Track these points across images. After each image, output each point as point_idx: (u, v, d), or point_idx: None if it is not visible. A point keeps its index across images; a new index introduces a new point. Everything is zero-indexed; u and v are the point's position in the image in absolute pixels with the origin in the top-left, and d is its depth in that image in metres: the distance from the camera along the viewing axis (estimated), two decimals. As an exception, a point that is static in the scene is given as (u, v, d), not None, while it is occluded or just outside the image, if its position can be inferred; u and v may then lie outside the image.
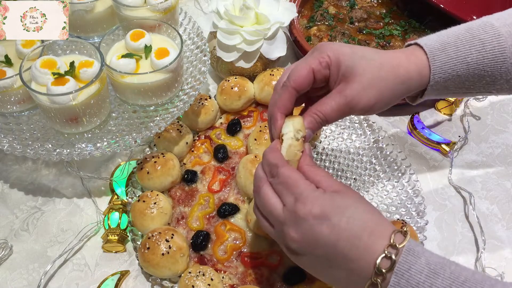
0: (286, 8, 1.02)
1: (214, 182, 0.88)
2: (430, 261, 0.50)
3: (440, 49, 0.63)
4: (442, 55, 0.63)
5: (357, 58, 0.61)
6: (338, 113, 0.61)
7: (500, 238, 0.84)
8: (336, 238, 0.52)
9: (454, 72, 0.63)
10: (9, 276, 0.80)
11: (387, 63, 0.62)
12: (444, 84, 0.64)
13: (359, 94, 0.60)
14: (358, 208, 0.54)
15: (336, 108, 0.61)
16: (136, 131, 0.84)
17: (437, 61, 0.62)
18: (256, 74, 1.02)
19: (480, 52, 0.63)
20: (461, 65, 0.63)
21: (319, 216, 0.53)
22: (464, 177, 0.92)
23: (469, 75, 0.63)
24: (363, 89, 0.60)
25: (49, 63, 0.77)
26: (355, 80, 0.60)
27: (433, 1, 1.05)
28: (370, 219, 0.53)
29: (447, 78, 0.63)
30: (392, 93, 0.62)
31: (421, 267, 0.50)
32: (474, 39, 0.63)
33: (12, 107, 0.84)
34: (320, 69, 0.62)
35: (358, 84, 0.60)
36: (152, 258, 0.74)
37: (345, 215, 0.53)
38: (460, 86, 0.65)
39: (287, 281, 0.76)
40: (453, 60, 0.62)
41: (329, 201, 0.54)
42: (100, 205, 0.88)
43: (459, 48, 0.63)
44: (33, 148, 0.81)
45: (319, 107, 0.61)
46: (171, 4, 0.91)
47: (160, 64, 0.80)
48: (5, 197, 0.90)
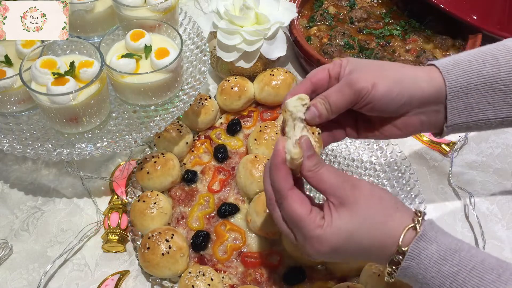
0: (286, 8, 1.02)
1: (214, 182, 0.88)
2: (441, 248, 0.53)
3: (453, 65, 0.63)
4: (455, 69, 0.62)
5: (365, 60, 0.65)
6: (339, 94, 0.61)
7: (500, 238, 0.84)
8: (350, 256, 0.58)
9: (471, 85, 0.62)
10: (9, 276, 0.80)
11: (394, 64, 0.64)
12: (465, 99, 0.62)
13: (357, 75, 0.61)
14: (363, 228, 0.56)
15: (337, 88, 0.61)
16: (136, 131, 0.84)
17: (451, 74, 0.62)
18: (256, 74, 1.02)
19: (494, 66, 0.62)
20: (477, 78, 0.62)
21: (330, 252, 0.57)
22: (464, 177, 0.92)
23: (488, 89, 0.62)
24: (361, 73, 0.61)
25: (49, 63, 0.77)
26: (357, 69, 0.62)
27: (433, 1, 1.05)
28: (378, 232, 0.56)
29: (464, 91, 0.62)
30: (395, 81, 0.61)
31: (431, 253, 0.52)
32: (487, 55, 0.63)
33: (12, 107, 0.84)
34: (333, 67, 0.64)
35: (358, 70, 0.62)
36: (152, 258, 0.74)
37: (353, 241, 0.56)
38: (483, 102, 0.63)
39: (287, 281, 0.76)
40: (467, 73, 0.62)
41: (336, 236, 0.56)
42: (100, 205, 0.88)
43: (472, 63, 0.62)
44: (33, 148, 0.81)
45: (323, 92, 0.62)
46: (171, 4, 0.91)
47: (160, 64, 0.80)
48: (5, 197, 0.90)
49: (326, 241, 0.56)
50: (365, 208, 0.56)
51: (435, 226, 0.56)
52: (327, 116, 0.62)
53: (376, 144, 0.93)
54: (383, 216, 0.56)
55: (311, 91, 0.64)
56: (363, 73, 0.61)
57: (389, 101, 0.61)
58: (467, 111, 0.63)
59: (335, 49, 1.07)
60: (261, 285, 0.76)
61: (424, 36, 1.12)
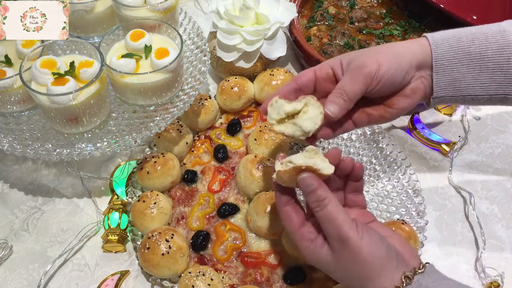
0: (286, 8, 1.02)
1: (214, 182, 0.88)
2: None
3: (443, 39, 0.66)
4: (444, 44, 0.65)
5: (357, 51, 0.69)
6: (353, 82, 0.64)
7: (500, 238, 0.84)
8: None
9: (457, 59, 0.64)
10: (9, 276, 0.80)
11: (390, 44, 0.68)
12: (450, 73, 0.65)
13: (361, 61, 0.65)
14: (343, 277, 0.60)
15: (349, 78, 0.65)
16: (136, 131, 0.84)
17: (439, 48, 0.65)
18: (256, 74, 1.02)
19: (482, 43, 0.63)
20: (463, 54, 0.64)
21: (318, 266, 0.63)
22: (464, 177, 0.92)
23: (475, 65, 0.64)
24: (364, 58, 0.65)
25: (49, 63, 0.77)
26: (356, 57, 0.66)
27: (433, 1, 1.05)
28: None
29: (450, 66, 0.65)
30: (394, 55, 0.65)
31: None
32: (478, 33, 0.65)
33: (12, 107, 0.84)
34: (320, 68, 0.68)
35: (359, 58, 0.66)
36: (152, 258, 0.74)
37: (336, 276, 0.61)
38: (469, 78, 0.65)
39: (287, 281, 0.76)
40: (454, 49, 0.65)
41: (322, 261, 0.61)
42: (100, 205, 0.88)
43: (461, 39, 0.65)
44: (33, 148, 0.81)
45: (336, 86, 0.66)
46: (171, 4, 0.91)
47: (160, 64, 0.80)
48: (5, 197, 0.90)
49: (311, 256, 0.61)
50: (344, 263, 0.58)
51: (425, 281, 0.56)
52: (347, 107, 0.65)
53: (376, 144, 0.93)
54: (360, 279, 0.57)
55: (296, 91, 0.68)
56: (365, 58, 0.65)
57: (395, 74, 0.65)
58: (452, 85, 0.66)
59: (335, 49, 1.07)
60: (261, 285, 0.76)
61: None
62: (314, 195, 0.58)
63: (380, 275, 0.56)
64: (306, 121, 0.63)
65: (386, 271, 0.56)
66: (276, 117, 0.65)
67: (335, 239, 0.57)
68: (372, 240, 0.57)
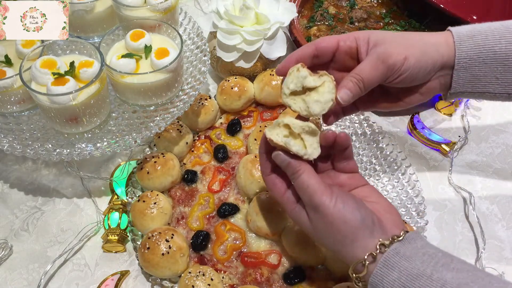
0: (286, 8, 1.02)
1: (214, 182, 0.88)
2: (402, 274, 0.54)
3: (468, 36, 0.64)
4: (469, 41, 0.63)
5: (385, 32, 0.65)
6: (372, 68, 0.62)
7: (500, 238, 0.84)
8: None
9: (480, 58, 0.63)
10: (9, 276, 0.80)
11: (413, 33, 0.66)
12: (471, 71, 0.64)
13: (388, 49, 0.62)
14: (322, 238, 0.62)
15: (370, 65, 0.62)
16: (136, 131, 0.84)
17: (463, 46, 0.63)
18: (256, 74, 1.02)
19: (509, 43, 0.62)
20: (488, 53, 0.63)
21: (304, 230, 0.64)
22: (464, 177, 0.92)
23: (498, 64, 0.63)
24: (391, 47, 0.62)
25: (49, 63, 0.77)
26: (385, 42, 0.63)
27: (433, 1, 1.05)
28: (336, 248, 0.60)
29: (473, 64, 0.63)
30: (421, 52, 0.63)
31: (392, 280, 0.54)
32: (506, 31, 0.63)
33: (12, 107, 0.84)
34: (345, 40, 0.65)
35: (387, 44, 0.63)
36: (152, 258, 0.74)
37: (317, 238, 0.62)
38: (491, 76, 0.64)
39: (287, 281, 0.76)
40: (479, 47, 0.63)
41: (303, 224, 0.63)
42: (100, 205, 0.88)
43: (488, 37, 0.63)
44: (33, 148, 0.81)
45: (355, 70, 0.63)
46: (171, 4, 0.91)
47: (160, 64, 0.80)
48: (5, 197, 0.90)
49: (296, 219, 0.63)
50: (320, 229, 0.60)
51: (401, 250, 0.56)
52: (360, 95, 0.63)
53: (376, 144, 0.93)
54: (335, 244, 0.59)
55: (313, 56, 0.65)
56: (392, 46, 0.62)
57: (418, 71, 0.63)
58: (472, 82, 0.65)
59: (335, 49, 1.07)
60: (261, 285, 0.76)
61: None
62: (289, 167, 0.61)
63: (353, 242, 0.57)
64: (316, 104, 0.61)
65: (359, 239, 0.57)
66: (293, 88, 0.61)
67: (309, 206, 0.60)
68: (347, 207, 0.58)
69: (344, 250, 0.59)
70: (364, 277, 0.57)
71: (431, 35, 0.66)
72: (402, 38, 0.65)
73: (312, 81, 0.60)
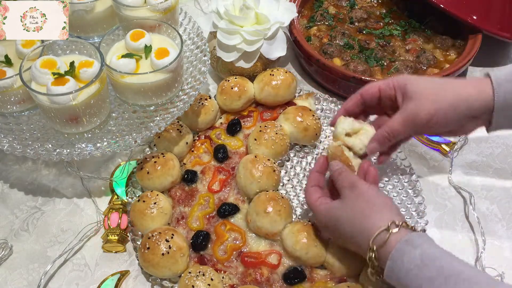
0: (286, 8, 1.02)
1: (214, 182, 0.88)
2: (424, 253, 0.58)
3: (507, 80, 0.67)
4: (507, 85, 0.67)
5: (421, 82, 0.71)
6: (402, 128, 0.71)
7: (500, 238, 0.84)
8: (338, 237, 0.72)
9: None
10: (9, 276, 0.80)
11: (450, 84, 0.70)
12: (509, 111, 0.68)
13: (420, 109, 0.69)
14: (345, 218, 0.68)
15: (400, 124, 0.71)
16: (136, 131, 0.84)
17: (501, 89, 0.67)
18: (256, 74, 1.02)
19: None
20: None
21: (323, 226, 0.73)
22: (464, 177, 0.92)
23: None
24: (423, 106, 0.69)
25: (49, 63, 0.77)
26: (418, 98, 0.69)
27: (433, 1, 1.05)
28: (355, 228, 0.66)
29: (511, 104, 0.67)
30: (452, 110, 0.68)
31: (414, 257, 0.58)
32: None
33: (12, 107, 0.84)
34: (386, 88, 0.73)
35: (418, 100, 0.69)
36: (152, 258, 0.74)
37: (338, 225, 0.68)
38: None
39: (287, 281, 0.75)
40: None
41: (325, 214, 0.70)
42: (100, 205, 0.88)
43: None
44: (33, 148, 0.81)
45: (388, 124, 0.72)
46: (171, 4, 0.91)
47: (160, 64, 0.80)
48: (5, 197, 0.90)
49: (319, 215, 0.71)
50: (350, 204, 0.67)
51: (424, 236, 0.61)
52: (389, 145, 0.74)
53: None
54: (362, 215, 0.65)
55: (360, 104, 0.77)
56: (422, 103, 0.69)
57: (445, 125, 0.70)
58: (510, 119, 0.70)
59: (335, 49, 1.07)
60: (261, 285, 0.75)
61: (424, 36, 1.12)
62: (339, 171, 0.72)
63: (380, 212, 0.64)
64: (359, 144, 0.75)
65: (386, 211, 0.64)
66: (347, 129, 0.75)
67: (346, 187, 0.68)
68: (380, 192, 0.68)
69: (369, 221, 0.64)
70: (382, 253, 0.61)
71: (465, 83, 0.70)
72: (435, 88, 0.69)
73: (358, 126, 0.76)
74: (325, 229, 0.73)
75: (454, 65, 1.00)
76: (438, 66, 1.05)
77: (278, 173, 0.85)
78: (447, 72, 0.98)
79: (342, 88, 1.03)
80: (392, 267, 0.59)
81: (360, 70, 1.01)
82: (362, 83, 0.96)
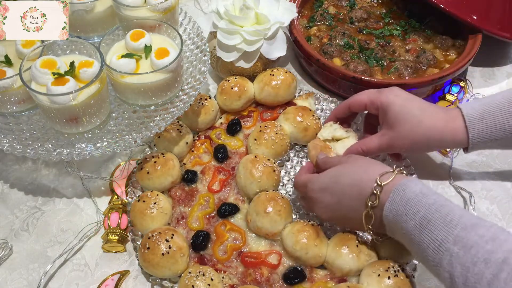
0: (286, 8, 1.02)
1: (214, 182, 0.88)
2: (423, 187, 0.64)
3: (478, 119, 0.74)
4: (480, 124, 0.74)
5: (403, 112, 0.76)
6: (377, 150, 0.79)
7: (500, 238, 0.84)
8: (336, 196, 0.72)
9: (492, 137, 0.74)
10: (9, 276, 0.80)
11: (426, 122, 0.75)
12: (483, 145, 0.76)
13: (396, 140, 0.77)
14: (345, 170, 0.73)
15: (375, 146, 0.78)
16: (136, 131, 0.84)
17: (475, 129, 0.74)
18: (256, 74, 1.02)
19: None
20: (498, 132, 0.74)
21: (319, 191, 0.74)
22: (464, 177, 0.92)
23: (509, 139, 0.74)
24: (399, 138, 0.76)
25: (49, 63, 0.77)
26: (395, 130, 0.76)
27: (433, 1, 1.05)
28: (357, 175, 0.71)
29: (486, 141, 0.75)
30: (425, 144, 0.78)
31: (414, 189, 0.63)
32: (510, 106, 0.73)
33: (12, 107, 0.84)
34: (371, 107, 0.80)
35: (397, 133, 0.76)
36: (152, 258, 0.74)
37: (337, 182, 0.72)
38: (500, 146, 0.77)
39: (287, 281, 0.75)
40: (490, 128, 0.74)
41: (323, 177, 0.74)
42: (100, 205, 0.88)
43: (497, 118, 0.73)
44: (33, 148, 0.81)
45: (365, 142, 0.79)
46: (171, 4, 0.91)
47: (160, 64, 0.80)
48: (5, 197, 0.90)
49: (317, 181, 0.74)
50: (351, 161, 0.73)
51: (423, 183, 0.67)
52: None
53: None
54: (365, 164, 0.71)
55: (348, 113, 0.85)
56: (400, 133, 0.76)
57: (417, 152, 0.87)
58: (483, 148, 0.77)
59: (335, 49, 1.07)
60: (261, 285, 0.76)
61: (424, 36, 1.12)
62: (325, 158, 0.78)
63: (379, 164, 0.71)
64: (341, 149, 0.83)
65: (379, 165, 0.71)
66: (325, 136, 0.85)
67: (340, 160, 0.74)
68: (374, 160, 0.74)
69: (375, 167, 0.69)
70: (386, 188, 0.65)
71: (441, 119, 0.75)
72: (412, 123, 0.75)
73: (340, 134, 0.84)
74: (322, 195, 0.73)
75: (454, 65, 1.00)
76: (438, 66, 1.05)
77: (278, 173, 0.85)
78: (447, 72, 0.98)
79: (342, 88, 1.03)
80: (393, 198, 0.64)
81: (360, 70, 1.01)
82: (362, 83, 0.96)
